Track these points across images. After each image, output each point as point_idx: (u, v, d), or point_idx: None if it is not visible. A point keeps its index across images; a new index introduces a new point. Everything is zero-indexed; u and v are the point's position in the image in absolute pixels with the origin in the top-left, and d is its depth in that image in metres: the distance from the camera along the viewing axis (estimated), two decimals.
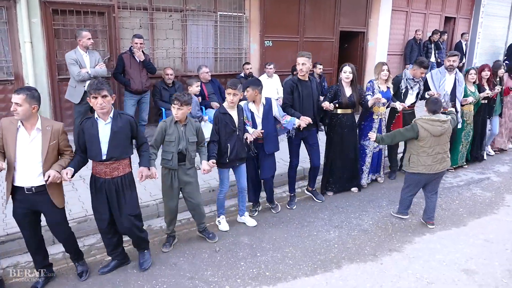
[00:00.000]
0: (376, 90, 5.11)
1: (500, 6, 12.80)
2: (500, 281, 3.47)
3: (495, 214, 4.76)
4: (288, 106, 4.52)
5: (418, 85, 5.45)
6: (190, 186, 3.78)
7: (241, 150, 4.08)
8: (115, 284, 3.35)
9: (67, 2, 5.95)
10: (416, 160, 4.23)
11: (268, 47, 8.04)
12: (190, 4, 7.03)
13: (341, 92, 4.84)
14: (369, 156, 5.34)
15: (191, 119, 3.77)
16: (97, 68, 5.42)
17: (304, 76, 4.51)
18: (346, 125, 4.95)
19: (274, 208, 4.74)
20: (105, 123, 3.16)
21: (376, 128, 5.20)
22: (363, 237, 4.17)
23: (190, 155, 3.69)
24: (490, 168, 6.37)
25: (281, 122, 4.41)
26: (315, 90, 4.62)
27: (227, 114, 3.97)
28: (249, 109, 4.25)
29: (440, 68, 5.78)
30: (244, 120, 4.18)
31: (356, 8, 9.30)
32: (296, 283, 3.41)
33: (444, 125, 4.15)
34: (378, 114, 5.20)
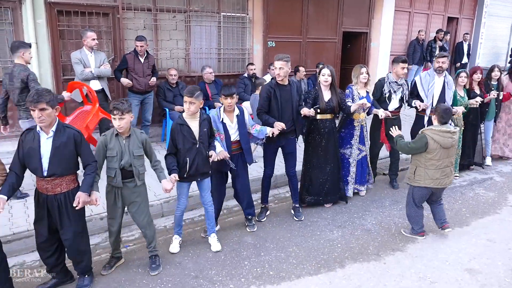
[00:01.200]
0: (356, 96, 4.83)
1: (503, 7, 12.80)
2: (503, 280, 3.48)
3: (498, 214, 4.77)
4: (263, 112, 4.18)
5: (402, 88, 5.14)
6: (136, 205, 3.41)
7: (202, 164, 3.69)
8: (121, 283, 3.38)
9: (72, 3, 6.00)
10: (424, 174, 3.93)
11: (271, 47, 8.07)
12: (193, 5, 7.07)
13: (319, 96, 4.54)
14: (353, 165, 4.99)
15: (135, 130, 3.39)
16: (101, 68, 5.46)
17: (282, 80, 4.18)
18: (325, 131, 4.60)
19: (250, 226, 4.29)
20: (47, 137, 2.91)
21: (357, 135, 4.94)
22: (366, 237, 4.19)
23: (138, 170, 3.31)
24: (493, 168, 6.38)
25: (251, 131, 4.09)
26: (295, 95, 4.26)
27: (185, 125, 3.60)
28: (220, 119, 3.92)
29: (429, 71, 5.43)
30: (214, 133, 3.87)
31: (359, 9, 9.33)
32: (299, 282, 3.43)
33: (454, 137, 3.89)
34: (358, 121, 4.91)
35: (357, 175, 5.08)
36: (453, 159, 4.01)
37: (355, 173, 5.03)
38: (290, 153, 4.43)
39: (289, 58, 4.15)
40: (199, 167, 3.67)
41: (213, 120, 3.88)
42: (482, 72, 5.94)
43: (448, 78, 5.33)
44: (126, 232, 4.22)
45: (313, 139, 4.66)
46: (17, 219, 4.05)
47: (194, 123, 3.65)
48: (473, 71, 5.94)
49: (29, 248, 3.73)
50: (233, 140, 3.99)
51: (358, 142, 4.96)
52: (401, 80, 5.14)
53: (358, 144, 4.97)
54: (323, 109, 4.50)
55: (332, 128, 4.65)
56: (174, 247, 3.89)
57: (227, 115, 3.96)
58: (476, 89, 5.89)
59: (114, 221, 3.42)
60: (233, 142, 4.00)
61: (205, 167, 3.75)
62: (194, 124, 3.64)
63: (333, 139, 4.68)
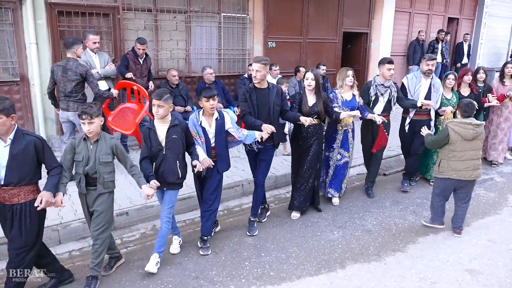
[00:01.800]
0: (340, 100, 4.67)
1: (503, 7, 12.79)
2: (503, 281, 3.48)
3: (499, 215, 4.77)
4: (247, 114, 4.00)
5: (389, 90, 4.97)
6: (97, 215, 3.23)
7: (168, 173, 3.47)
8: (121, 284, 3.38)
9: (72, 4, 6.00)
10: (447, 165, 4.08)
11: (272, 48, 8.07)
12: (194, 6, 7.07)
13: (303, 100, 4.41)
14: (332, 168, 4.89)
15: (105, 135, 3.25)
16: (107, 68, 5.49)
17: (259, 83, 4.00)
18: (309, 137, 4.42)
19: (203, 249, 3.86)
20: (4, 145, 2.83)
21: (340, 140, 4.78)
22: (366, 237, 4.19)
23: (103, 177, 3.18)
24: (493, 168, 6.37)
25: (236, 136, 3.88)
26: (273, 99, 4.02)
27: (152, 129, 3.45)
28: (199, 123, 3.72)
29: (416, 73, 5.31)
30: (194, 137, 3.69)
31: (359, 9, 9.33)
32: (300, 283, 3.43)
33: (477, 129, 3.97)
34: (342, 125, 4.74)
35: (334, 180, 4.93)
36: (478, 153, 4.09)
37: (331, 176, 4.92)
38: (264, 161, 4.19)
39: (268, 61, 4.03)
40: (165, 175, 3.47)
41: (192, 124, 3.72)
42: (473, 73, 5.79)
43: (434, 80, 5.19)
44: (127, 232, 4.23)
45: (298, 144, 4.53)
46: None
47: (162, 128, 3.46)
48: (463, 73, 5.78)
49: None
50: (212, 146, 3.78)
51: (339, 146, 4.82)
52: (388, 82, 4.97)
53: (340, 148, 4.83)
54: (307, 113, 4.32)
55: (317, 134, 4.45)
56: (174, 247, 3.85)
57: (207, 119, 3.75)
58: (464, 91, 5.68)
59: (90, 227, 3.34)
60: (212, 147, 3.79)
61: (172, 177, 3.50)
62: (161, 129, 3.46)
63: (318, 145, 4.49)
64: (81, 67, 4.72)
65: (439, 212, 4.34)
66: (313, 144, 4.45)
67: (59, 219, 4.09)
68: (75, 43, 4.74)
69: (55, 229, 3.94)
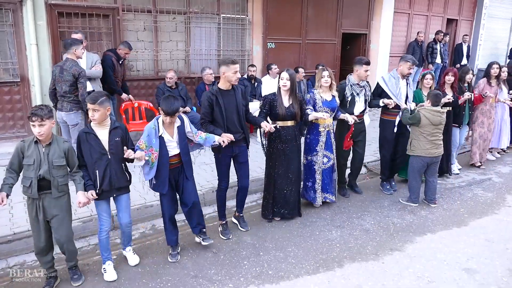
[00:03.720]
0: (319, 100, 4.53)
1: (502, 8, 12.84)
2: (500, 280, 3.50)
3: (496, 214, 4.79)
4: (207, 122, 3.84)
5: (364, 90, 4.88)
6: (57, 219, 3.13)
7: (117, 178, 3.33)
8: (120, 283, 3.40)
9: (72, 5, 6.05)
10: (417, 144, 4.76)
11: (271, 49, 8.11)
12: (193, 7, 7.11)
13: (277, 102, 4.23)
14: (319, 172, 4.68)
15: (58, 138, 3.14)
16: (92, 70, 5.44)
17: (225, 85, 3.84)
18: (286, 139, 4.27)
19: (205, 239, 3.88)
20: None
21: (323, 142, 4.60)
22: (364, 237, 4.21)
23: (57, 181, 3.07)
24: (491, 169, 6.40)
25: (194, 139, 3.69)
26: (240, 100, 3.91)
27: (91, 133, 3.24)
28: (159, 134, 3.44)
29: (392, 73, 5.17)
30: (143, 149, 3.39)
31: (358, 10, 9.37)
32: (298, 281, 3.45)
33: (443, 116, 4.72)
34: (324, 126, 4.58)
35: (325, 184, 4.77)
36: (440, 135, 4.79)
37: (321, 180, 4.73)
38: (244, 163, 4.10)
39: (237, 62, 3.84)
40: (112, 181, 3.31)
41: (148, 134, 3.42)
42: (456, 74, 5.64)
43: (410, 80, 5.19)
44: None
45: (275, 148, 4.33)
46: (18, 219, 4.07)
47: (103, 131, 3.28)
48: (445, 73, 5.68)
49: (30, 248, 3.73)
50: (173, 154, 3.57)
51: (324, 148, 4.63)
52: (363, 82, 4.87)
53: (324, 150, 4.64)
54: (283, 115, 4.20)
55: (294, 136, 4.31)
56: (110, 274, 3.44)
57: (167, 129, 3.50)
58: (448, 92, 5.56)
59: (39, 236, 3.16)
60: (173, 156, 3.57)
61: (121, 181, 3.38)
62: (102, 132, 3.27)
63: (296, 147, 4.36)
64: (75, 67, 4.71)
65: (416, 191, 4.94)
66: (292, 147, 4.32)
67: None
68: (73, 44, 4.77)
69: None
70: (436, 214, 4.74)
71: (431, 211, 4.82)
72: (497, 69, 6.15)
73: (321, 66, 7.82)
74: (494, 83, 6.20)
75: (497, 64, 6.21)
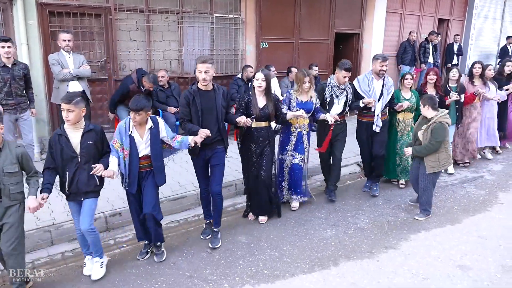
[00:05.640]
0: (293, 101, 4.48)
1: (493, 8, 12.98)
2: (493, 276, 3.53)
3: (489, 212, 4.83)
4: (186, 121, 3.74)
5: (346, 92, 4.75)
6: (8, 228, 2.95)
7: (85, 182, 3.24)
8: (115, 284, 3.37)
9: (63, 4, 5.98)
10: (446, 156, 4.40)
11: (264, 48, 8.11)
12: (186, 6, 7.08)
13: (252, 103, 4.15)
14: (287, 172, 4.67)
15: (10, 144, 3.02)
16: (80, 69, 5.41)
17: (206, 85, 3.71)
18: (259, 140, 4.20)
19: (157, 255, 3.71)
20: None
21: (293, 142, 4.57)
22: (359, 235, 4.22)
23: (8, 189, 2.91)
24: (483, 167, 6.45)
25: (172, 144, 3.59)
26: (220, 102, 3.76)
27: (63, 136, 3.16)
28: (129, 132, 3.39)
29: (366, 73, 5.05)
30: (117, 148, 3.36)
31: (351, 10, 9.41)
32: (293, 280, 3.45)
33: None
34: (296, 127, 4.52)
35: (290, 183, 4.73)
36: None
37: (288, 180, 4.72)
38: (216, 165, 3.91)
39: (213, 60, 3.72)
40: (80, 185, 3.23)
41: (119, 133, 3.39)
42: (438, 73, 5.57)
43: (386, 80, 4.96)
44: (120, 233, 4.22)
45: (247, 149, 4.27)
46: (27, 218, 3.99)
47: (75, 134, 3.19)
48: (427, 73, 5.61)
49: (29, 248, 3.72)
50: (143, 155, 3.47)
51: (292, 149, 4.59)
52: (344, 84, 4.75)
53: (293, 151, 4.60)
54: (258, 116, 4.12)
55: (267, 137, 4.24)
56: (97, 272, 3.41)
57: (137, 129, 3.43)
58: (431, 91, 5.46)
59: None
60: (142, 158, 3.47)
61: (90, 185, 3.28)
62: (75, 135, 3.19)
63: (269, 148, 4.29)
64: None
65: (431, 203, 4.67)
66: (266, 147, 4.26)
67: (51, 220, 4.07)
68: None
69: (47, 230, 3.92)
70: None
71: None
72: (479, 68, 6.11)
73: (314, 65, 7.94)
74: (477, 82, 6.17)
75: (480, 64, 6.18)
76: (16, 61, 4.99)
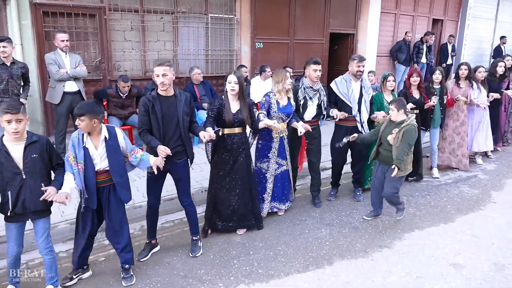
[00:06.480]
0: (274, 105, 4.22)
1: (486, 9, 13.07)
2: (487, 274, 3.56)
3: (482, 211, 4.86)
4: (145, 131, 3.40)
5: (319, 94, 4.56)
6: None
7: (32, 201, 2.87)
8: (110, 284, 3.37)
9: (57, 4, 5.97)
10: (410, 159, 4.23)
11: (259, 48, 8.12)
12: (181, 6, 7.08)
13: (225, 107, 3.86)
14: (270, 181, 4.38)
15: None
16: (77, 69, 5.43)
17: (166, 90, 3.40)
18: (232, 148, 3.92)
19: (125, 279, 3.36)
20: None
21: (276, 148, 4.32)
22: (354, 234, 4.24)
23: None
24: (477, 166, 6.50)
25: (129, 158, 3.25)
26: (181, 109, 3.43)
27: (2, 150, 2.81)
28: (82, 144, 3.06)
29: (344, 76, 4.80)
30: (71, 161, 3.03)
31: (345, 10, 9.45)
32: (288, 279, 3.46)
33: None
34: (277, 132, 4.28)
35: (275, 192, 4.47)
36: None
37: (272, 189, 4.42)
38: (179, 180, 3.63)
39: (171, 62, 3.40)
40: (27, 205, 2.87)
41: (72, 144, 3.06)
42: (421, 74, 5.38)
43: (364, 82, 4.80)
44: None
45: (220, 157, 3.97)
46: None
47: (17, 147, 2.83)
48: (409, 74, 5.40)
49: (29, 248, 3.72)
50: (101, 169, 3.12)
51: (276, 155, 4.35)
52: (317, 85, 4.57)
53: (277, 157, 4.37)
54: (230, 122, 3.85)
55: (241, 144, 3.95)
56: None
57: (92, 139, 3.09)
58: (415, 93, 5.33)
59: None
60: (100, 172, 3.13)
61: (39, 205, 2.90)
62: (16, 148, 2.83)
63: (244, 156, 3.99)
64: None
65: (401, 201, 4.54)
66: (241, 155, 3.96)
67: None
68: None
69: None
70: (424, 211, 4.80)
71: (419, 208, 4.88)
72: (465, 70, 5.90)
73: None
74: (463, 84, 5.98)
75: (466, 66, 5.94)
76: (15, 60, 5.03)
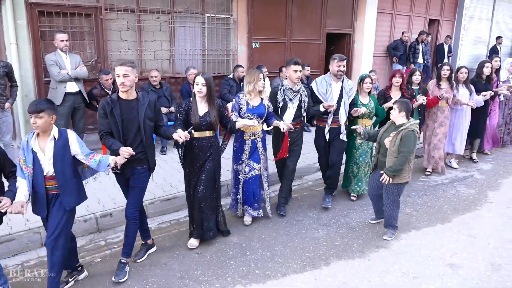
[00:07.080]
0: (244, 106, 4.13)
1: (482, 9, 13.11)
2: (483, 274, 3.57)
3: (478, 211, 4.88)
4: (106, 134, 3.23)
5: (299, 96, 4.45)
6: None
7: None
8: (106, 285, 3.35)
9: (53, 4, 5.92)
10: (408, 168, 3.94)
11: (256, 48, 8.11)
12: (177, 6, 7.06)
13: (192, 110, 3.71)
14: (241, 183, 4.30)
15: None
16: (77, 70, 5.43)
17: (127, 93, 3.24)
18: (200, 152, 3.75)
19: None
20: None
21: (248, 151, 4.20)
22: (351, 235, 4.24)
23: None
24: (473, 166, 6.52)
25: (88, 163, 3.07)
26: (143, 113, 3.27)
27: None
28: (30, 147, 2.89)
29: (325, 76, 4.71)
30: (22, 165, 2.89)
31: (342, 10, 9.45)
32: (285, 280, 3.45)
33: None
34: (249, 134, 4.17)
35: (246, 196, 4.32)
36: None
37: (243, 192, 4.32)
38: (135, 188, 3.41)
39: (134, 64, 3.25)
40: None
41: (22, 148, 2.92)
42: (403, 76, 5.28)
43: (345, 83, 4.63)
44: (111, 234, 4.20)
45: (189, 162, 3.82)
46: (16, 219, 3.96)
47: None
48: (392, 75, 5.31)
49: (29, 247, 3.72)
50: (50, 174, 2.94)
51: (248, 158, 4.24)
52: (298, 86, 4.46)
53: (248, 160, 4.24)
54: (197, 125, 3.68)
55: (209, 148, 3.78)
56: None
57: (40, 141, 2.92)
58: (396, 95, 5.18)
59: None
60: (50, 177, 2.95)
61: None
62: None
63: (213, 161, 3.82)
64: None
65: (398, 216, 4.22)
66: (208, 160, 3.79)
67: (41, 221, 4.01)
68: None
69: (37, 232, 3.88)
70: (420, 211, 4.80)
71: (416, 209, 4.88)
72: (447, 70, 5.79)
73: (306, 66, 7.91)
74: (444, 85, 5.84)
75: (448, 66, 5.85)
76: None
